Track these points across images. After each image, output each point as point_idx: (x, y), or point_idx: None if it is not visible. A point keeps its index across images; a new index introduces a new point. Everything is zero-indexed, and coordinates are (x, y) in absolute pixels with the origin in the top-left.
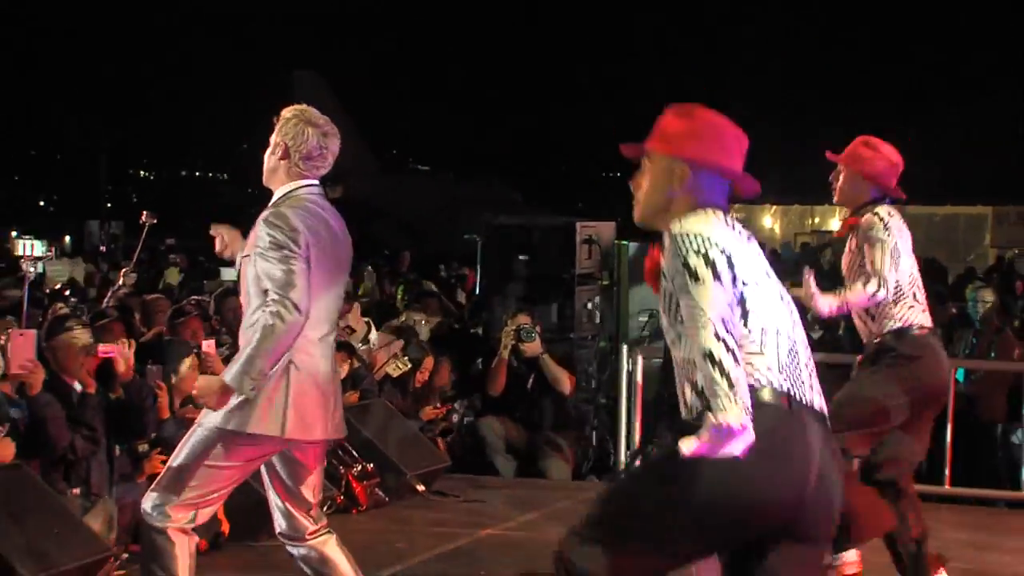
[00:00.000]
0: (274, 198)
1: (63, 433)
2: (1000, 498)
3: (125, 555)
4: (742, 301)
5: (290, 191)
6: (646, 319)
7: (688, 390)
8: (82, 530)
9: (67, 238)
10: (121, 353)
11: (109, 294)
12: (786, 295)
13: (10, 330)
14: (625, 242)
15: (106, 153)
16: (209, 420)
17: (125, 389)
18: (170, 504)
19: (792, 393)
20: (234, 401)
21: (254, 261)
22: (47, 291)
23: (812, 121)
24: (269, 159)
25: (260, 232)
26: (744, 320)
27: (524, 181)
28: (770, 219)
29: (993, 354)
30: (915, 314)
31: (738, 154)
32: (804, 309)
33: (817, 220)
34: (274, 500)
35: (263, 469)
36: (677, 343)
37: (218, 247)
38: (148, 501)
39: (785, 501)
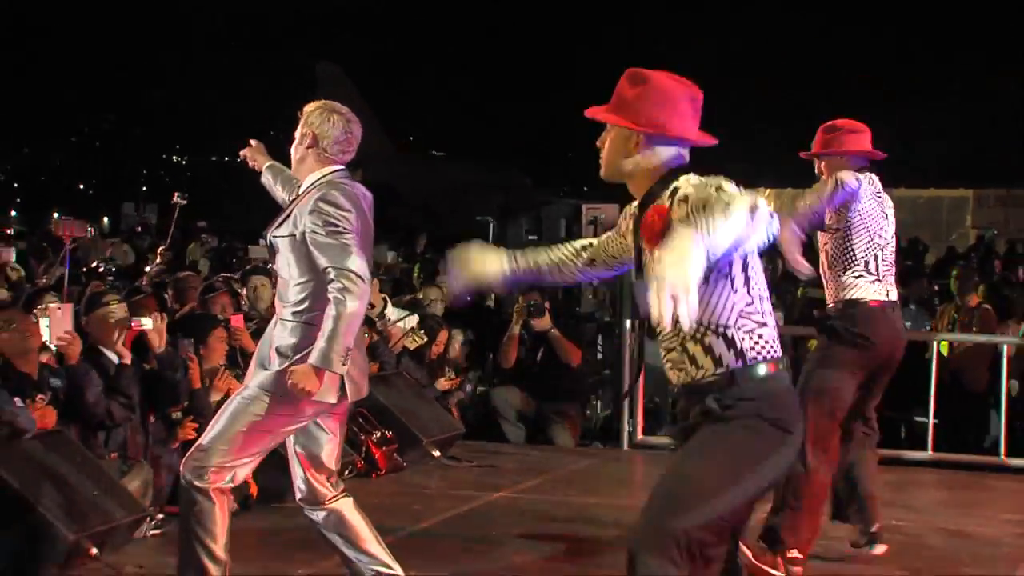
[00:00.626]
0: (305, 185)
1: (100, 401)
2: (980, 463)
3: (160, 516)
4: (745, 267)
5: (323, 176)
6: None
7: (713, 344)
8: (120, 492)
9: (105, 219)
10: (155, 326)
11: (145, 272)
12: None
13: (50, 304)
14: None
15: (140, 139)
16: (251, 390)
17: (158, 360)
18: (210, 467)
19: (781, 358)
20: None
21: (303, 242)
22: (85, 269)
23: (804, 107)
24: (298, 149)
25: (312, 216)
26: (747, 288)
27: (533, 166)
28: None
29: (975, 328)
30: (864, 285)
31: (691, 115)
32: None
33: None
34: (295, 469)
35: (287, 440)
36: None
37: (249, 161)
38: (189, 464)
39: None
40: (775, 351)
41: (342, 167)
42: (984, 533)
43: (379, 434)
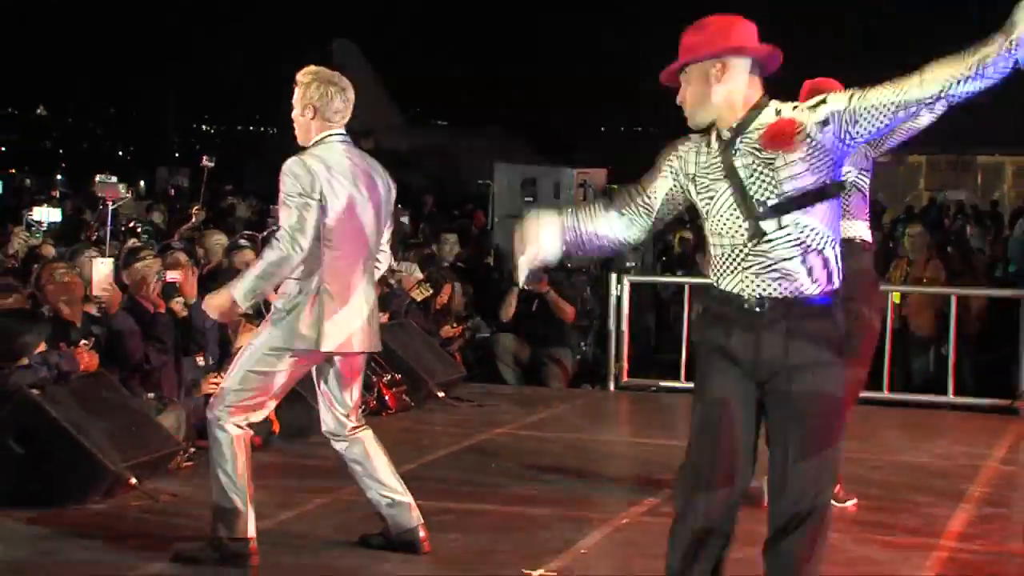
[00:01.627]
0: (309, 148)
1: (138, 346)
2: (930, 402)
3: (192, 449)
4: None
5: (320, 139)
6: (632, 251)
7: (814, 261)
8: (156, 428)
9: (141, 182)
10: (186, 279)
11: (178, 230)
12: None
13: (92, 259)
14: (615, 186)
15: (173, 109)
16: (259, 339)
17: (189, 311)
18: (229, 409)
19: None
20: (277, 322)
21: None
22: (124, 227)
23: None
24: (300, 120)
25: (282, 179)
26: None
27: (529, 133)
28: None
29: (925, 280)
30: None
31: (750, 36)
32: None
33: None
34: (322, 403)
35: (314, 377)
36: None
37: None
38: (212, 406)
39: None
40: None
41: (341, 131)
42: (933, 464)
43: (389, 377)
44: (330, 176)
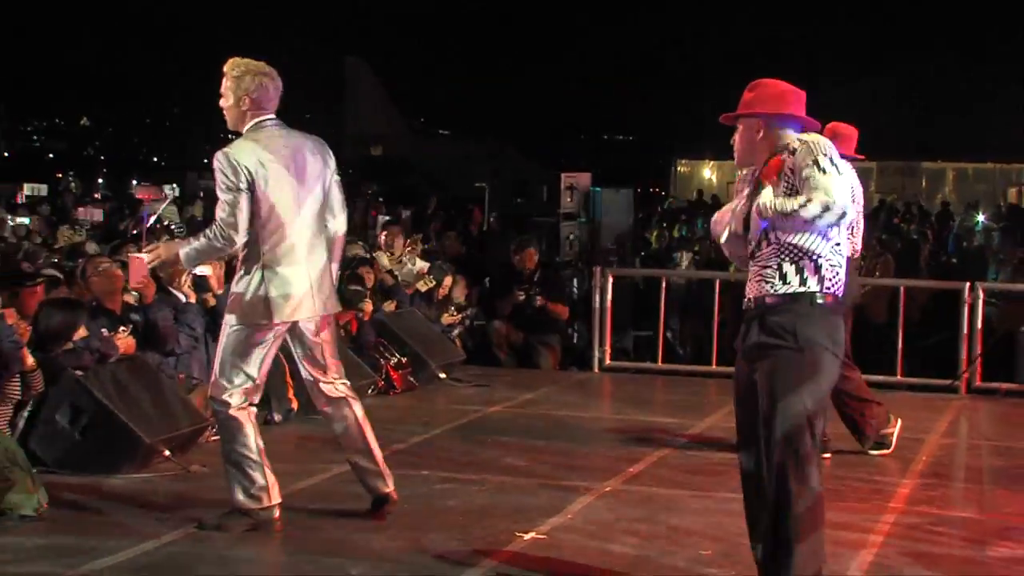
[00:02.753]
0: (244, 133)
1: (171, 332)
2: (881, 382)
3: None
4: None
5: (255, 124)
6: (612, 247)
7: (784, 268)
8: (186, 406)
9: (175, 185)
10: (213, 273)
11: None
12: None
13: (130, 254)
14: (598, 188)
15: (204, 121)
16: (225, 325)
17: (218, 300)
18: (224, 393)
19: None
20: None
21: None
22: (158, 225)
23: (745, 82)
24: (234, 110)
25: (213, 172)
26: (837, 231)
27: (521, 141)
28: (709, 171)
29: (877, 273)
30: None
31: (795, 101)
32: None
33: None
34: (303, 375)
35: (293, 353)
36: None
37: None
38: (212, 399)
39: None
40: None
41: (272, 115)
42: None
43: (396, 359)
44: (260, 158)
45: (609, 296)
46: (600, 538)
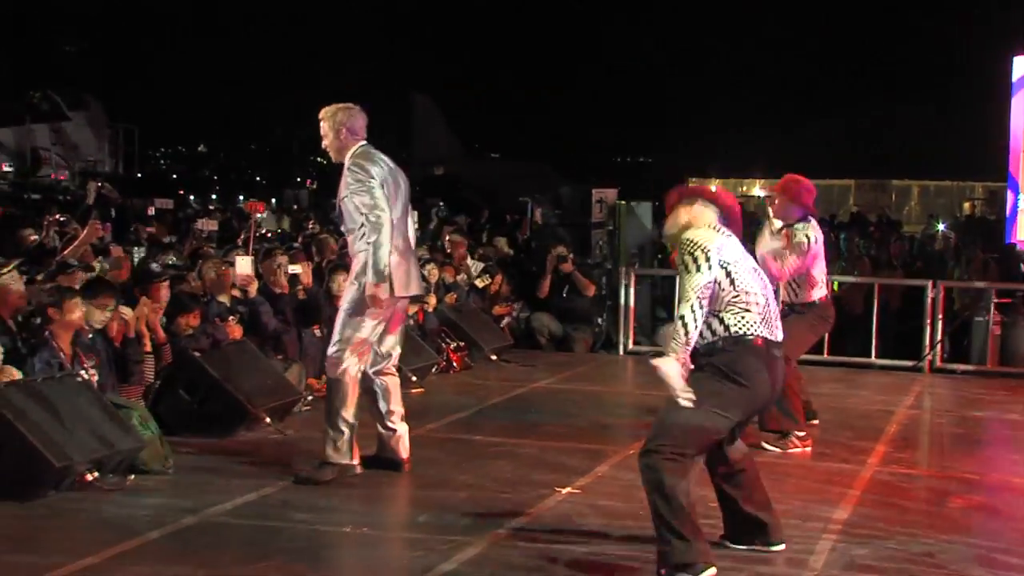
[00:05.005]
0: (348, 157)
1: (271, 320)
2: (858, 363)
3: (310, 397)
4: (729, 274)
5: (359, 149)
6: (635, 251)
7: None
8: (283, 381)
9: (273, 200)
10: (304, 270)
11: (300, 234)
12: (757, 267)
13: (238, 257)
14: (623, 202)
15: (297, 146)
16: (346, 301)
17: (308, 293)
18: (342, 358)
19: (765, 335)
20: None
21: (348, 199)
22: (261, 233)
23: (745, 114)
24: (335, 141)
25: (348, 179)
26: (733, 286)
27: (558, 162)
28: (714, 188)
29: (856, 272)
30: (819, 291)
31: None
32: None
33: (744, 188)
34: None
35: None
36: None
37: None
38: (329, 360)
39: (766, 396)
40: (754, 330)
41: (365, 141)
42: (858, 408)
43: (455, 343)
44: (380, 167)
45: (633, 290)
46: (624, 496)
